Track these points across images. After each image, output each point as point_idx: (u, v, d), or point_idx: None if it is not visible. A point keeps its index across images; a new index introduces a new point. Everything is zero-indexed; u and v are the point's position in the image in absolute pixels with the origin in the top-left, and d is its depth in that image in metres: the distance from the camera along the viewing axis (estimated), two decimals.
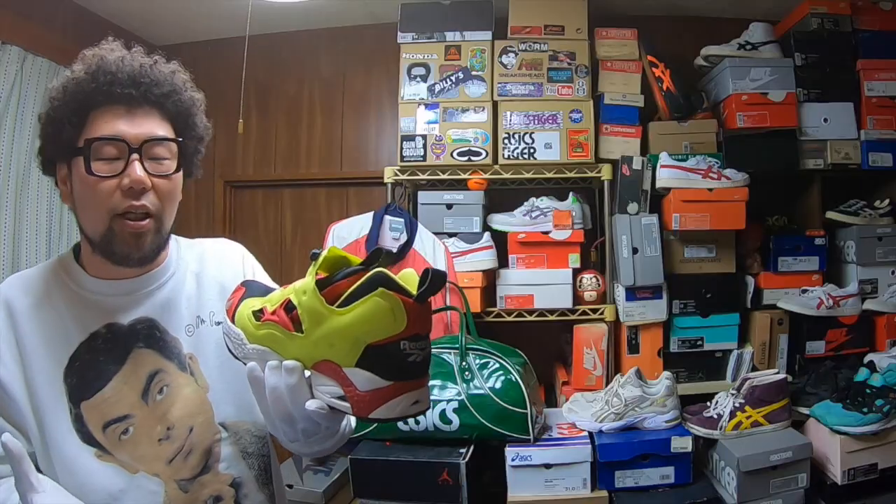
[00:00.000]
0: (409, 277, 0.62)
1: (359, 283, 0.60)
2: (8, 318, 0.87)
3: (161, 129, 0.88)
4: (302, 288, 0.65)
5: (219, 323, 0.95)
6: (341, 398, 0.63)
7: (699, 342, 2.06)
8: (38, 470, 0.86)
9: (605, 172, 2.15)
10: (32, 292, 0.90)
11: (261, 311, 0.70)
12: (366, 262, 0.65)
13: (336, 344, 0.61)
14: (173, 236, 0.99)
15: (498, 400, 1.65)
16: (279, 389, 0.66)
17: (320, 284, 0.64)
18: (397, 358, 0.60)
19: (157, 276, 0.94)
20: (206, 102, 0.97)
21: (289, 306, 0.66)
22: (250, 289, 0.76)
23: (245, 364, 0.71)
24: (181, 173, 0.91)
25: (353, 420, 0.90)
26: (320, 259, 0.65)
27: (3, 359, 0.85)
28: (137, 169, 0.83)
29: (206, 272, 0.99)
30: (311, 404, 0.64)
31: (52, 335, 0.87)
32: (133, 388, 0.88)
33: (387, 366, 0.60)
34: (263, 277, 1.05)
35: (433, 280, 0.58)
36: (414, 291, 0.60)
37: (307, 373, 0.67)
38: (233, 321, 0.73)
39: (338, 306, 0.62)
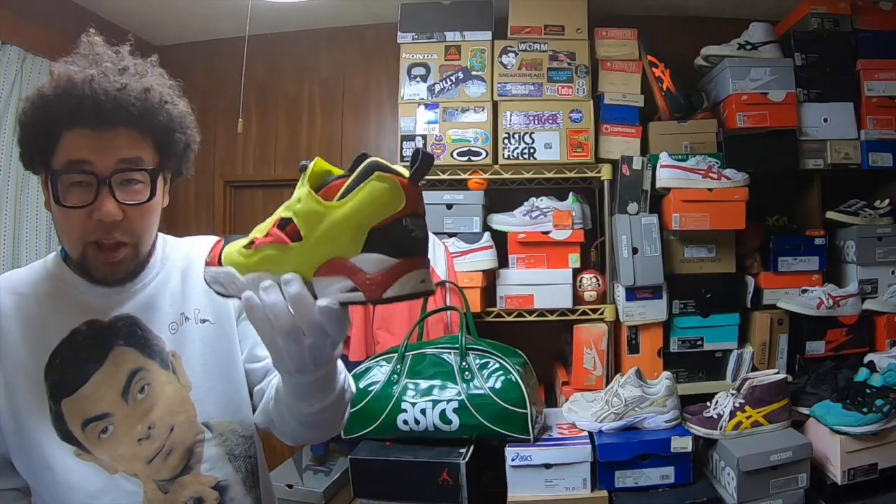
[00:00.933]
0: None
1: (355, 174, 0.62)
2: None
3: (135, 150, 0.84)
4: (295, 198, 0.65)
5: (204, 321, 0.95)
6: (351, 290, 0.63)
7: (699, 342, 2.06)
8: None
9: (605, 172, 2.15)
10: (16, 290, 0.89)
11: (251, 242, 0.69)
12: (351, 169, 0.65)
13: (338, 237, 0.62)
14: (161, 235, 0.98)
15: (498, 400, 1.65)
16: (278, 305, 0.64)
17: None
18: (402, 234, 0.62)
19: (142, 275, 0.93)
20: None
21: (282, 223, 0.66)
22: (229, 238, 0.75)
23: (240, 298, 0.68)
24: (158, 196, 0.89)
25: (352, 384, 0.87)
26: (310, 167, 0.65)
27: None
28: (108, 204, 0.81)
29: (193, 269, 0.98)
30: (322, 301, 0.62)
31: (33, 332, 0.86)
32: (113, 387, 0.87)
33: (393, 244, 0.61)
34: None
35: (423, 160, 0.61)
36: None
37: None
38: (220, 264, 0.71)
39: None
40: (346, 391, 0.83)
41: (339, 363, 0.78)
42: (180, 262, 0.98)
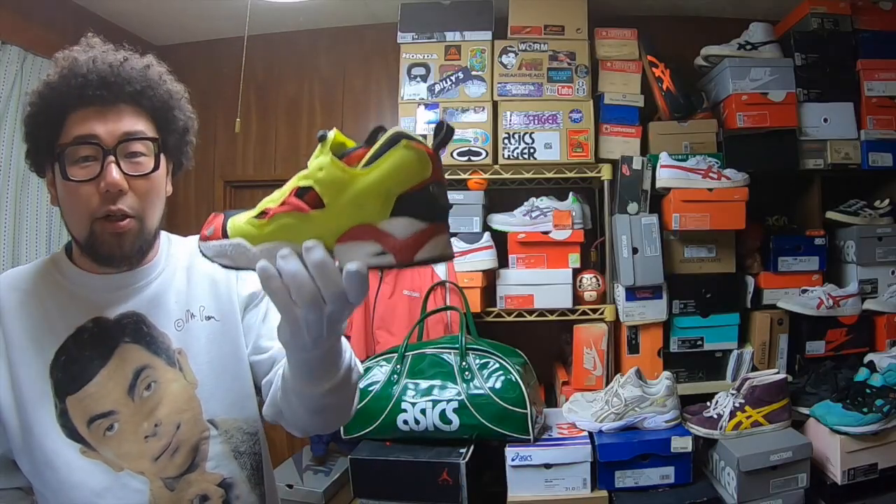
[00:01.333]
0: None
1: (380, 142, 0.63)
2: None
3: (138, 125, 0.87)
4: (316, 166, 0.65)
5: (209, 318, 0.95)
6: (379, 254, 0.63)
7: (699, 342, 2.06)
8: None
9: (605, 172, 2.15)
10: (21, 287, 0.89)
11: (263, 212, 0.69)
12: (367, 141, 0.66)
13: (365, 203, 0.63)
14: (165, 233, 0.99)
15: (498, 400, 1.65)
16: (300, 274, 0.62)
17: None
18: (429, 200, 0.63)
19: (147, 272, 0.94)
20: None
21: (300, 192, 0.66)
22: (229, 213, 0.74)
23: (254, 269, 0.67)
24: (162, 170, 0.90)
25: (358, 363, 0.86)
26: (331, 137, 0.66)
27: None
28: (113, 171, 0.82)
29: (197, 267, 0.98)
30: (352, 265, 0.61)
31: (38, 329, 0.87)
32: (119, 384, 0.87)
33: (422, 209, 0.62)
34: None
35: (447, 132, 0.62)
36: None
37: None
38: (225, 237, 0.70)
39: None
40: (352, 370, 0.81)
41: (344, 341, 0.78)
42: (184, 259, 0.99)
